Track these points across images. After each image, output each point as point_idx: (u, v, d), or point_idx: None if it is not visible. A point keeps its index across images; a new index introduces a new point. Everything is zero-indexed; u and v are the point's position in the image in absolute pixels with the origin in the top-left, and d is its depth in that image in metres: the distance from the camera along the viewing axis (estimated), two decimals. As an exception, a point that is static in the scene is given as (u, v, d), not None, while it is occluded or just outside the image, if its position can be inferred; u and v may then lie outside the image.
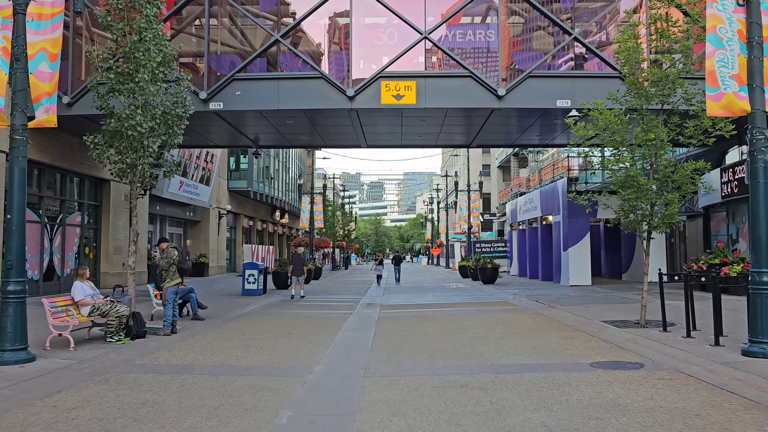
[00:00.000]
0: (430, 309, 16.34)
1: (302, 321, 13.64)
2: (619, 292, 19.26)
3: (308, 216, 37.73)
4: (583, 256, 22.93)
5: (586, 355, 8.67)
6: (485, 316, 14.09)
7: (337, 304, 18.11)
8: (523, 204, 30.39)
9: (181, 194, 29.19)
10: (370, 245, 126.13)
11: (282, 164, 51.41)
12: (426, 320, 13.49)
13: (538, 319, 13.12)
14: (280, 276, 24.53)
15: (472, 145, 21.52)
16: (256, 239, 46.79)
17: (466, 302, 18.20)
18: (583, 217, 23.02)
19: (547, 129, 19.61)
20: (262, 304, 17.72)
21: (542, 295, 19.26)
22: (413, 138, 20.67)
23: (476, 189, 37.14)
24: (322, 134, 20.28)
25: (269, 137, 20.84)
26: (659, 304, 11.35)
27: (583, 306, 15.22)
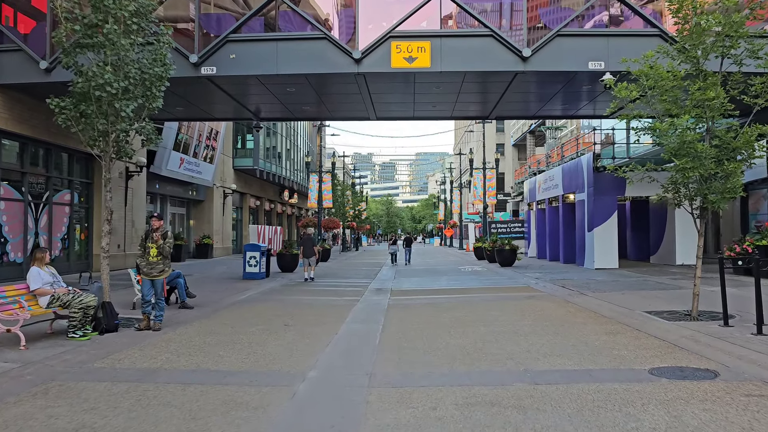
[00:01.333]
0: (446, 296, 14.83)
1: (303, 310, 12.18)
2: (652, 276, 17.62)
3: (316, 195, 36.21)
4: (609, 237, 21.26)
5: (641, 357, 7.10)
6: (508, 304, 12.55)
7: (343, 290, 16.65)
8: (543, 182, 28.65)
9: (182, 172, 27.76)
10: (382, 226, 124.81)
11: (291, 143, 49.87)
12: (441, 309, 11.98)
13: (569, 309, 11.55)
14: (285, 258, 23.13)
15: (491, 116, 19.81)
16: (264, 220, 45.44)
17: (484, 288, 16.67)
18: (610, 194, 21.35)
19: (572, 98, 17.86)
20: (262, 290, 16.30)
21: (567, 279, 17.68)
22: (426, 109, 18.99)
23: (492, 167, 35.38)
24: (328, 105, 18.65)
25: (271, 108, 19.24)
26: (706, 292, 9.74)
27: (617, 293, 13.63)
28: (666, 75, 9.35)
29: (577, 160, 23.24)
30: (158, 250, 9.27)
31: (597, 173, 21.44)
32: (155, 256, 9.33)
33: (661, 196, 10.90)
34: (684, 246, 21.25)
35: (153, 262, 9.40)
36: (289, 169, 48.82)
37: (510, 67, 14.06)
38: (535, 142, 62.54)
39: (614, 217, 21.27)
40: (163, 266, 9.45)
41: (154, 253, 9.24)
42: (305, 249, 19.33)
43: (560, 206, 25.63)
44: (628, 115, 10.38)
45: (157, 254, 9.28)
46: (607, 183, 21.42)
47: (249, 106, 18.60)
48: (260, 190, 43.40)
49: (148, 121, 10.48)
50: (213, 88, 15.88)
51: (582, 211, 22.44)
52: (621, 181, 22.03)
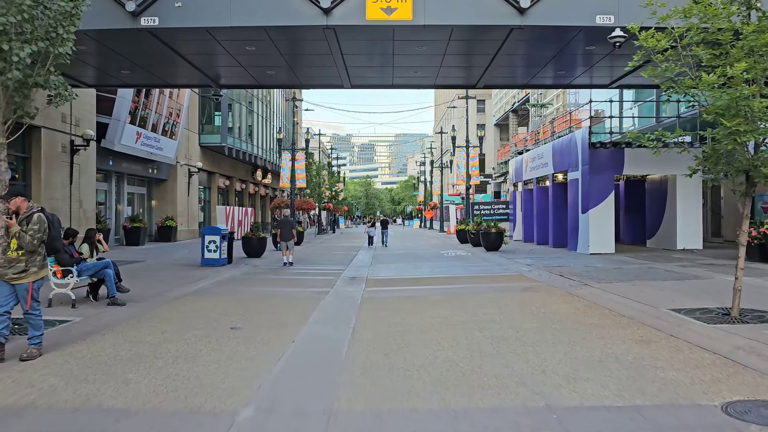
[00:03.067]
0: (429, 286, 12.91)
1: (260, 305, 10.17)
2: (656, 263, 15.88)
3: (289, 175, 34.00)
4: (606, 219, 19.50)
5: (699, 383, 5.24)
6: (503, 298, 10.66)
7: (312, 279, 14.66)
8: (531, 160, 26.81)
9: (139, 147, 25.37)
10: (360, 208, 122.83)
11: (265, 120, 47.43)
12: (425, 304, 10.04)
13: (576, 305, 9.69)
14: (251, 242, 21.05)
15: (478, 85, 17.80)
16: (235, 200, 43.13)
17: (471, 276, 14.79)
18: (606, 172, 19.58)
19: (569, 63, 15.97)
20: (219, 279, 14.26)
21: (563, 266, 15.88)
22: (407, 75, 16.91)
23: (476, 145, 33.44)
24: (296, 69, 16.47)
25: (231, 73, 17.01)
26: (728, 283, 8.01)
27: (626, 284, 11.82)
28: (714, 11, 7.39)
29: (570, 135, 21.40)
30: (18, 242, 6.50)
31: (592, 149, 19.62)
32: (14, 250, 6.52)
33: (693, 170, 8.92)
34: (686, 229, 19.60)
35: (11, 258, 6.53)
36: (262, 148, 46.46)
37: (505, 21, 12.03)
38: (518, 122, 60.78)
39: (611, 198, 19.51)
40: (26, 265, 6.53)
41: (14, 246, 6.53)
42: (283, 231, 17.86)
43: (550, 186, 23.83)
44: (655, 69, 8.41)
45: (17, 247, 6.53)
46: (604, 160, 19.64)
47: (205, 69, 16.33)
48: (230, 169, 41.04)
49: (56, 72, 8.26)
50: (158, 45, 13.63)
51: (575, 190, 20.64)
52: (618, 157, 20.34)
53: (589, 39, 13.24)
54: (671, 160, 19.95)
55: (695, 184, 19.63)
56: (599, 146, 19.73)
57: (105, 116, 22.80)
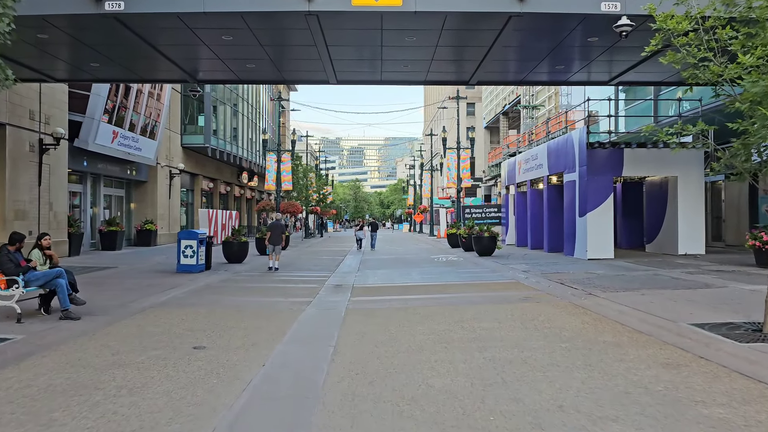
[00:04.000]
0: (420, 295, 11.89)
1: (232, 318, 9.11)
2: (660, 269, 14.99)
3: (274, 177, 32.91)
4: (605, 223, 18.60)
5: (754, 424, 4.27)
6: (501, 309, 9.68)
7: (294, 287, 13.61)
8: (524, 162, 25.91)
9: (116, 147, 24.20)
10: (349, 211, 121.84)
11: (251, 120, 46.30)
12: (416, 317, 9.04)
13: (584, 319, 8.73)
14: (232, 247, 19.99)
15: (471, 81, 16.84)
16: (220, 203, 41.92)
17: (465, 284, 13.82)
18: (605, 174, 18.71)
19: (568, 57, 15.04)
20: (194, 287, 13.20)
21: (561, 272, 14.97)
22: (397, 70, 15.93)
23: (467, 147, 32.52)
24: (278, 62, 15.43)
25: (209, 66, 15.93)
26: (742, 292, 7.06)
27: (634, 293, 10.88)
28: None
29: (566, 136, 20.51)
30: None
31: (590, 150, 18.73)
32: None
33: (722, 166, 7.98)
34: (688, 233, 18.74)
35: None
36: (249, 150, 45.31)
37: (503, 8, 11.07)
38: (508, 124, 60.03)
39: (610, 200, 18.63)
40: None
41: None
42: (272, 235, 17.56)
43: (545, 188, 22.94)
44: (675, 55, 7.46)
45: None
46: (602, 161, 18.76)
47: (181, 62, 15.25)
48: (215, 172, 39.85)
49: None
50: (128, 35, 12.55)
51: (572, 193, 19.74)
52: (617, 158, 19.45)
53: (592, 29, 12.32)
54: (673, 160, 19.20)
55: (697, 186, 18.80)
56: (597, 146, 18.85)
57: (78, 114, 21.63)
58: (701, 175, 18.79)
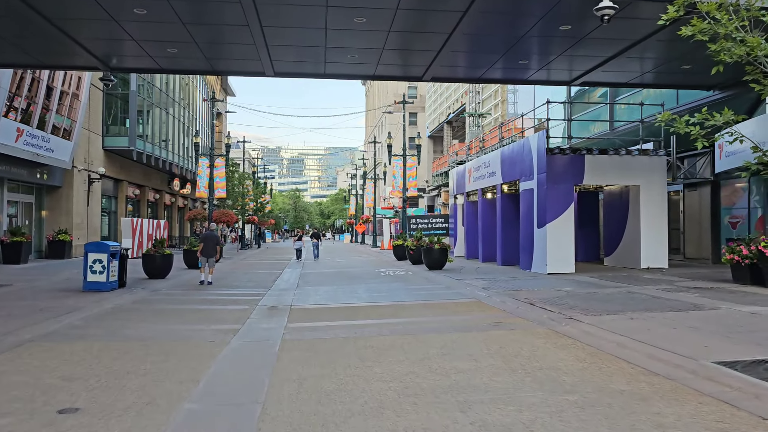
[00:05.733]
0: (372, 320, 10.00)
1: (132, 358, 6.99)
2: (633, 286, 13.69)
3: (206, 183, 30.39)
4: (565, 235, 17.29)
5: None
6: (473, 340, 7.93)
7: (222, 309, 11.50)
8: (475, 170, 24.53)
9: (21, 147, 21.31)
10: (289, 221, 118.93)
11: (184, 124, 43.45)
12: (370, 352, 7.18)
13: (578, 354, 7.07)
14: (153, 261, 17.61)
15: (425, 77, 15.22)
16: (148, 212, 38.84)
17: (420, 303, 12.06)
18: (566, 182, 17.44)
19: (531, 51, 13.64)
20: (98, 311, 10.94)
21: (524, 289, 13.47)
22: (342, 61, 14.11)
23: (414, 153, 30.97)
24: (205, 47, 13.33)
25: (123, 50, 13.65)
26: (747, 315, 5.62)
27: (620, 316, 9.40)
28: None
29: (522, 141, 19.18)
30: None
31: (550, 156, 17.42)
32: None
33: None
34: (650, 246, 17.67)
35: None
36: (181, 155, 42.44)
37: (471, -18, 9.45)
38: (452, 134, 59.24)
39: (571, 210, 17.34)
40: None
41: None
42: (205, 247, 16.18)
43: (498, 197, 21.56)
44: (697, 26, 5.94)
45: None
46: (562, 168, 17.48)
47: (88, 44, 12.91)
48: (142, 178, 36.83)
49: None
50: (18, 5, 10.21)
51: (529, 202, 18.38)
52: (578, 165, 18.18)
53: (566, 14, 10.88)
54: (636, 168, 18.13)
55: (660, 196, 17.79)
56: (557, 152, 17.56)
57: None
58: (664, 185, 17.81)
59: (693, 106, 18.99)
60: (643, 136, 18.32)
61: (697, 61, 14.71)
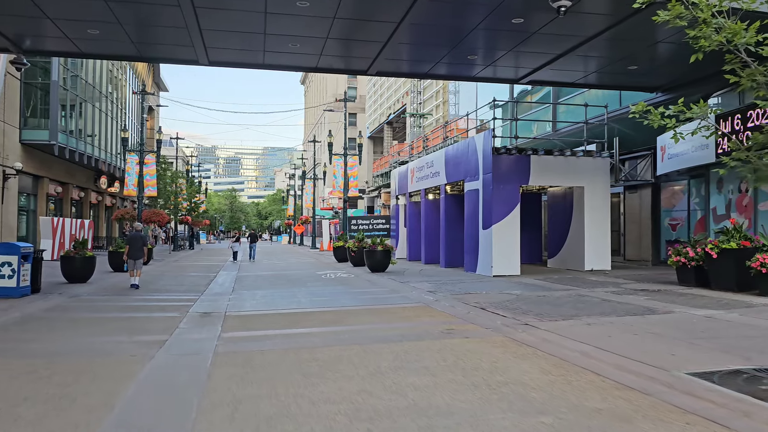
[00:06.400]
0: (315, 328, 9.21)
1: (29, 383, 5.95)
2: (581, 288, 13.43)
3: (135, 181, 28.67)
4: (511, 236, 16.99)
5: None
6: (427, 350, 7.28)
7: (148, 317, 10.44)
8: (418, 170, 24.06)
9: None
10: (225, 222, 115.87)
11: (113, 119, 41.15)
12: (314, 366, 6.41)
13: (542, 365, 6.53)
14: (73, 263, 16.23)
15: (371, 70, 14.55)
16: (72, 211, 36.46)
17: (365, 308, 11.36)
18: (512, 182, 17.16)
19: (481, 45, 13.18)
20: (3, 320, 9.64)
21: (472, 293, 12.99)
22: (283, 51, 13.24)
23: (355, 153, 30.25)
24: (131, 29, 12.17)
25: (36, 29, 12.30)
26: (703, 319, 5.31)
27: (576, 321, 8.99)
28: None
29: (468, 140, 18.80)
30: None
31: (496, 156, 17.09)
32: None
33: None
34: (594, 248, 17.62)
35: None
36: (109, 151, 40.15)
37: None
38: (393, 134, 58.91)
39: (517, 211, 17.05)
40: None
41: None
42: (131, 248, 15.13)
43: (442, 198, 21.12)
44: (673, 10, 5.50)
45: None
46: (508, 168, 17.18)
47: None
48: (66, 175, 34.48)
49: None
50: None
51: (474, 203, 18.00)
52: (524, 166, 17.90)
53: (519, 5, 10.43)
54: (580, 170, 18.01)
55: (603, 197, 17.77)
56: (504, 152, 17.24)
57: None
58: (607, 187, 17.80)
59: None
60: (587, 138, 18.28)
61: (644, 61, 14.69)
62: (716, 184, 15.65)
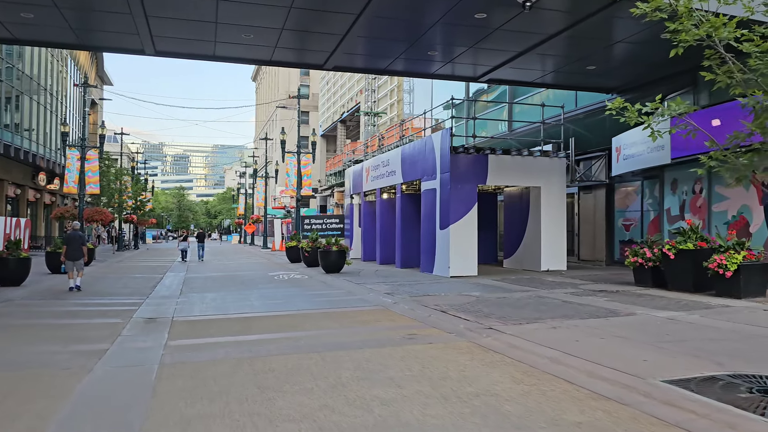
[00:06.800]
0: (269, 335, 8.69)
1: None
2: (539, 289, 13.30)
3: (76, 177, 27.30)
4: (469, 237, 16.80)
5: None
6: (390, 358, 6.88)
7: (86, 324, 9.70)
8: (373, 168, 23.68)
9: None
10: (172, 221, 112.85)
11: (52, 113, 39.22)
12: (271, 378, 5.94)
13: (512, 372, 6.23)
14: (6, 265, 15.24)
15: (327, 65, 14.07)
16: (7, 209, 34.49)
17: (322, 312, 10.89)
18: (470, 182, 16.98)
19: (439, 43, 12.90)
20: None
21: (430, 294, 12.70)
22: (236, 42, 12.63)
23: (309, 151, 29.64)
24: (69, 14, 11.33)
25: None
26: (666, 321, 5.20)
27: (540, 325, 8.77)
28: None
29: (425, 139, 18.53)
30: None
31: (454, 155, 16.86)
32: None
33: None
34: (551, 249, 17.63)
35: None
36: (48, 147, 38.26)
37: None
38: (346, 133, 58.41)
39: (474, 211, 16.86)
40: None
41: None
42: (69, 249, 14.38)
43: (398, 197, 20.79)
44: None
45: None
46: (466, 168, 16.99)
47: None
48: (1, 170, 32.58)
49: None
50: None
51: (431, 202, 17.74)
52: (482, 165, 17.72)
53: (483, 1, 10.17)
54: (537, 170, 17.96)
55: (560, 198, 17.79)
56: (462, 151, 17.04)
57: None
58: (563, 187, 17.84)
59: (590, 110, 19.27)
60: (543, 138, 18.28)
61: (602, 62, 14.72)
62: (670, 185, 15.84)
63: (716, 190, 14.11)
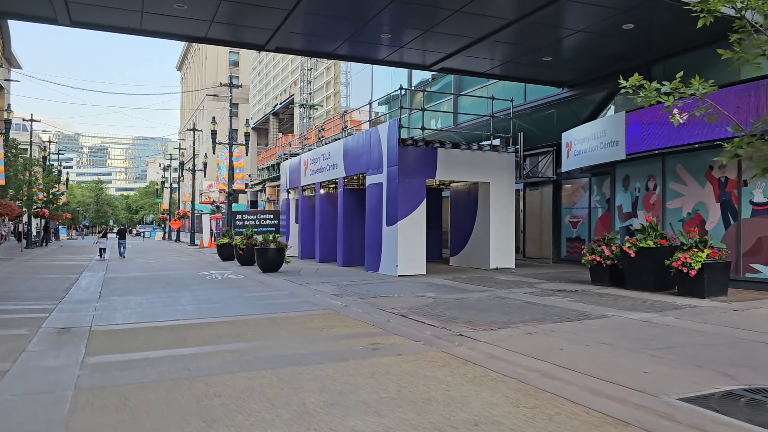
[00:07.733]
0: (208, 347, 7.47)
1: None
2: (496, 289, 12.62)
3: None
4: (417, 234, 15.99)
5: None
6: (359, 376, 5.89)
7: (-18, 336, 8.15)
8: (312, 162, 22.51)
9: None
10: (89, 216, 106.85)
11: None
12: (217, 408, 4.83)
13: (504, 390, 5.38)
14: None
15: (269, 45, 12.85)
16: None
17: (267, 317, 9.76)
18: (419, 176, 16.20)
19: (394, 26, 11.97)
20: None
21: (382, 296, 11.80)
22: (167, 13, 11.20)
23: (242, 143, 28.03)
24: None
25: None
26: (644, 324, 4.68)
27: (512, 330, 8.01)
28: None
29: (370, 131, 17.56)
30: None
31: (402, 147, 16.00)
32: None
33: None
34: (500, 246, 17.09)
35: None
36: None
37: None
38: (279, 126, 56.66)
39: (423, 207, 16.06)
40: None
41: None
42: None
43: (340, 192, 19.74)
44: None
45: None
46: (415, 161, 16.17)
47: None
48: None
49: None
50: None
51: (377, 197, 16.82)
52: (430, 159, 16.89)
53: None
54: (486, 165, 17.36)
55: (509, 194, 17.28)
56: (410, 144, 16.19)
57: None
58: (512, 183, 17.34)
59: (538, 105, 18.91)
60: (492, 132, 17.72)
61: (558, 52, 14.24)
62: (622, 181, 15.59)
63: (670, 187, 13.91)
